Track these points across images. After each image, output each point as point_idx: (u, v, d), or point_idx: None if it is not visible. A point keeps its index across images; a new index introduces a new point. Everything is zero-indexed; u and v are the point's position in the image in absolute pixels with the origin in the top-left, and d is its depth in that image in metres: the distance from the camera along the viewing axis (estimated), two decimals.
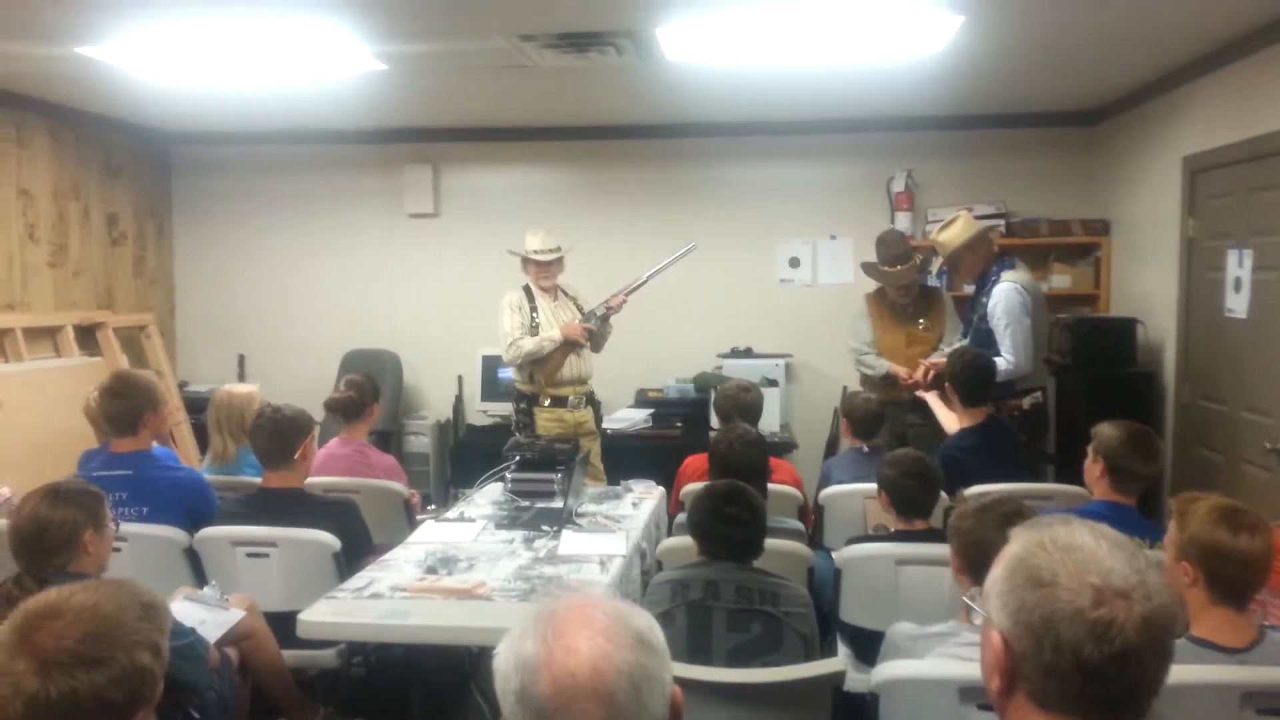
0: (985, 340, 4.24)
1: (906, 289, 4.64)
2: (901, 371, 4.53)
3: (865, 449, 3.93)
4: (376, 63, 4.22)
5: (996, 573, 1.19)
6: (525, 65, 4.21)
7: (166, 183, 6.50)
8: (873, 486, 3.10)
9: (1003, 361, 4.14)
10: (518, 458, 3.70)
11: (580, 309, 4.70)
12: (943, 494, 3.10)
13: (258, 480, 3.36)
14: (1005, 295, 4.19)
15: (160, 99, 5.11)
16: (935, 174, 5.86)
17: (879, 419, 4.04)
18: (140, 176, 6.21)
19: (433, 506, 4.88)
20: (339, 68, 4.32)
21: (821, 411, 5.83)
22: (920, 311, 4.71)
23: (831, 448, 5.57)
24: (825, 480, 3.92)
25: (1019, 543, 1.19)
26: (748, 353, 5.81)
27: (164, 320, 6.36)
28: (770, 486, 3.33)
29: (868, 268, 4.77)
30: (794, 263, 6.06)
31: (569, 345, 4.56)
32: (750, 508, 2.51)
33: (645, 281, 4.67)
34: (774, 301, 6.04)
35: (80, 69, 4.35)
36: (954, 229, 4.47)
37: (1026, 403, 4.14)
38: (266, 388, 4.24)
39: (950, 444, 3.80)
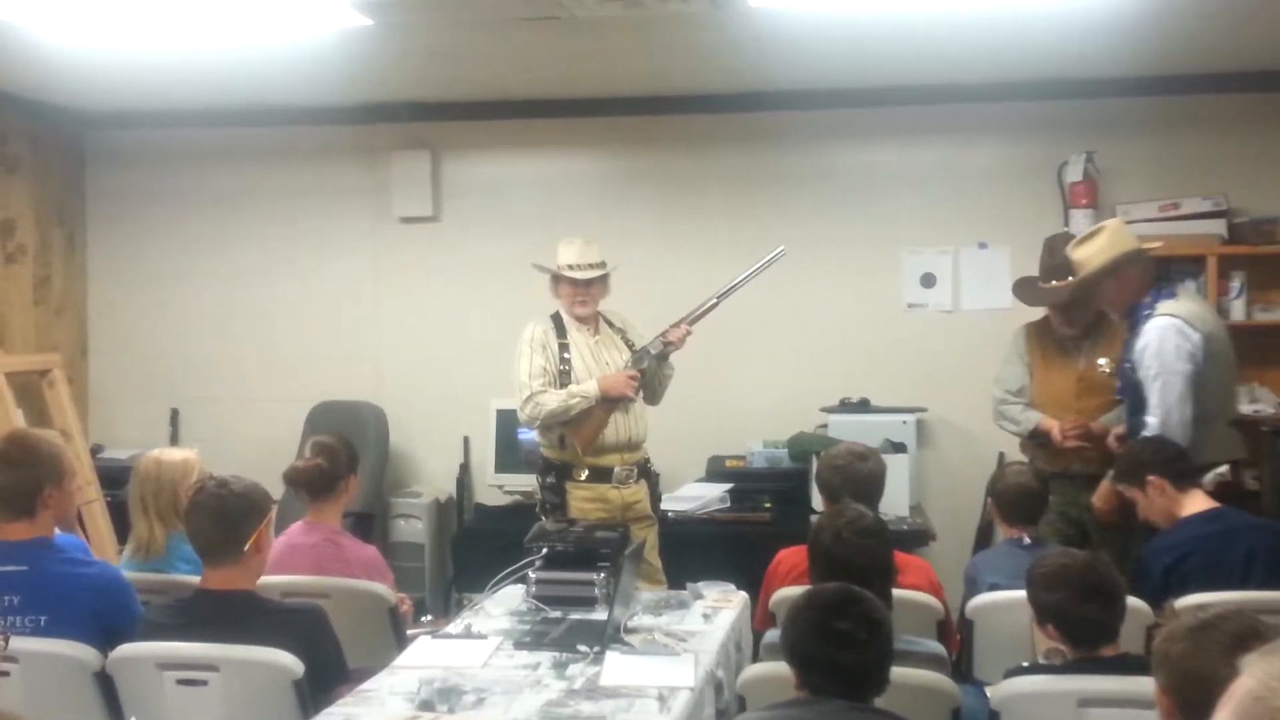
0: (1138, 395, 4.25)
1: (1067, 315, 4.64)
2: (1052, 427, 4.52)
3: (1025, 540, 3.89)
4: (358, 15, 4.32)
5: (1223, 716, 1.18)
6: (557, 16, 4.27)
7: (79, 179, 6.69)
8: None
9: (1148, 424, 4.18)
10: (545, 551, 3.70)
11: (630, 345, 4.73)
12: (1139, 603, 3.03)
13: (195, 579, 3.39)
14: (1159, 334, 4.19)
15: (72, 68, 5.27)
16: (1126, 158, 5.81)
17: (1039, 499, 4.01)
18: (45, 171, 6.40)
19: (428, 617, 4.90)
20: (307, 23, 4.42)
21: (969, 486, 5.74)
22: (1099, 347, 4.70)
23: (984, 538, 5.49)
24: (972, 586, 3.86)
25: (1254, 675, 1.17)
26: (863, 406, 5.78)
27: (73, 363, 6.51)
28: (897, 593, 3.30)
29: (1021, 287, 4.74)
30: (927, 281, 6.04)
31: (611, 402, 4.58)
32: (869, 623, 2.48)
33: (716, 304, 4.68)
34: (899, 335, 6.02)
35: None
36: (1095, 244, 4.40)
37: (1209, 481, 4.09)
38: (207, 454, 4.30)
39: (1156, 543, 3.78)
